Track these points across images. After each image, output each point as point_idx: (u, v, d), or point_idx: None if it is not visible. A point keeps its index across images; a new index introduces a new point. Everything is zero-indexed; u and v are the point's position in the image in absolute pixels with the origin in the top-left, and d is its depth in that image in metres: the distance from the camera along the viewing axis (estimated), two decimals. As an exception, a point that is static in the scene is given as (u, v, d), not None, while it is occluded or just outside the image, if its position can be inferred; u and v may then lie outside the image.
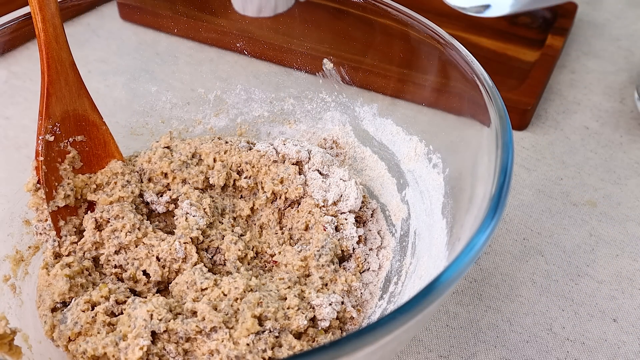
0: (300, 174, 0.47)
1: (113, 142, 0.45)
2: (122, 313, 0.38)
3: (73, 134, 0.43)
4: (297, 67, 0.52)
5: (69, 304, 0.39)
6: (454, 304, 0.45)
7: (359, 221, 0.46)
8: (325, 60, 0.51)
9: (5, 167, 0.45)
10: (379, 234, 0.46)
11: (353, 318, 0.40)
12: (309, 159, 0.48)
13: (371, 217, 0.47)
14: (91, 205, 0.44)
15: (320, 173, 0.47)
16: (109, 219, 0.42)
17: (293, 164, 0.47)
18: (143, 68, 0.52)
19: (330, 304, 0.39)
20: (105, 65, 0.52)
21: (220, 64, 0.55)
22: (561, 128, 0.60)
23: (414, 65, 0.46)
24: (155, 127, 0.51)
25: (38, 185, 0.42)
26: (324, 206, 0.45)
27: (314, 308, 0.38)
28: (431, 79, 0.45)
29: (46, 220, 0.42)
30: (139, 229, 0.42)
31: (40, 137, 0.41)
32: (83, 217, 0.43)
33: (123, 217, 0.42)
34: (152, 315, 0.36)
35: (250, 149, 0.49)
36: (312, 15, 0.51)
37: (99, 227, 0.42)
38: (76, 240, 0.43)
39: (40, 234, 0.42)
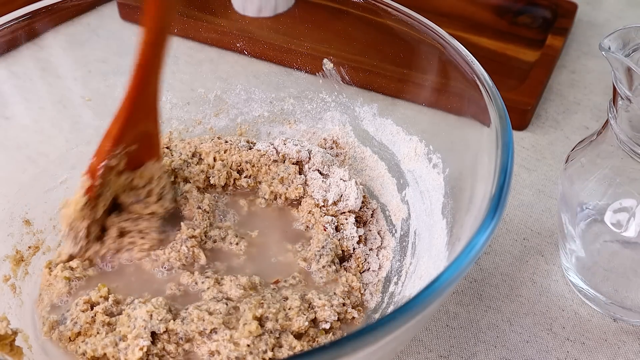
0: (300, 174, 0.47)
1: (159, 144, 0.42)
2: (121, 313, 0.38)
3: (130, 147, 0.40)
4: (297, 67, 0.52)
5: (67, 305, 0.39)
6: (454, 304, 0.45)
7: (359, 221, 0.46)
8: (325, 60, 0.51)
9: (5, 167, 0.45)
10: (379, 234, 0.46)
11: (354, 318, 0.40)
12: (309, 158, 0.48)
13: (371, 217, 0.47)
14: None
15: (320, 173, 0.47)
16: (132, 231, 0.41)
17: (293, 164, 0.47)
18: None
19: (331, 306, 0.39)
20: (105, 65, 0.52)
21: (220, 64, 0.55)
22: (561, 128, 0.60)
23: (414, 65, 0.46)
24: (155, 127, 0.51)
25: (86, 203, 0.39)
26: (324, 206, 0.46)
27: (314, 309, 0.38)
28: (431, 79, 0.45)
29: (79, 231, 0.40)
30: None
31: (103, 163, 0.38)
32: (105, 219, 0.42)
33: (145, 237, 0.41)
34: (151, 315, 0.36)
35: (250, 149, 0.49)
36: (312, 15, 0.51)
37: (120, 234, 0.41)
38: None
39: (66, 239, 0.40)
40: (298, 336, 0.37)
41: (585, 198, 0.42)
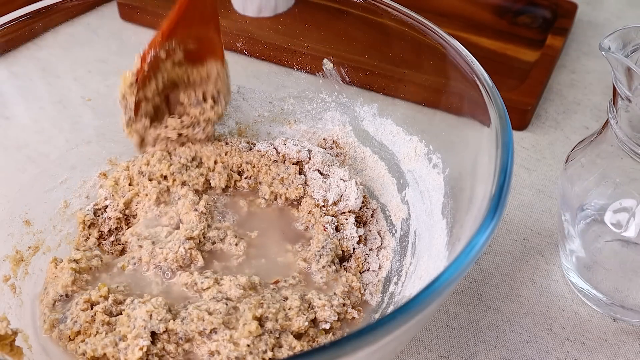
0: (300, 174, 0.47)
1: (221, 47, 0.45)
2: (121, 313, 0.38)
3: (186, 45, 0.43)
4: (297, 67, 0.52)
5: (71, 298, 0.39)
6: (454, 304, 0.45)
7: (359, 221, 0.46)
8: (325, 60, 0.51)
9: (5, 167, 0.45)
10: (379, 234, 0.46)
11: (354, 318, 0.40)
12: (310, 158, 0.48)
13: (371, 217, 0.47)
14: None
15: (320, 173, 0.47)
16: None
17: (293, 164, 0.47)
18: (143, 68, 0.52)
19: (331, 306, 0.39)
20: (105, 65, 0.52)
21: (220, 64, 0.55)
22: (561, 128, 0.60)
23: (414, 65, 0.46)
24: (155, 127, 0.51)
25: (134, 82, 0.43)
26: (324, 206, 0.46)
27: (314, 309, 0.38)
28: (431, 79, 0.45)
29: (128, 103, 0.44)
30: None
31: (152, 50, 0.42)
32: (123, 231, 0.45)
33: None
34: (151, 315, 0.36)
35: (250, 149, 0.49)
36: (312, 15, 0.51)
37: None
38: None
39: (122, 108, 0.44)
40: (298, 336, 0.37)
41: (585, 198, 0.42)
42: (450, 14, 0.72)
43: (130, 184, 0.46)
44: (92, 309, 0.38)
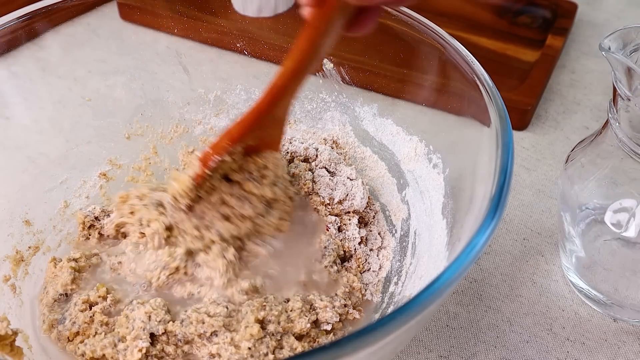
0: (308, 171, 0.47)
1: (280, 141, 0.41)
2: (119, 313, 0.38)
3: (249, 143, 0.39)
4: (297, 67, 0.52)
5: (70, 297, 0.39)
6: (454, 304, 0.45)
7: (362, 222, 0.46)
8: (325, 60, 0.51)
9: (5, 167, 0.45)
10: (379, 234, 0.46)
11: (355, 319, 0.40)
12: (317, 156, 0.48)
13: (373, 218, 0.47)
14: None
15: (327, 170, 0.47)
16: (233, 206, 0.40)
17: (301, 161, 0.47)
18: (143, 68, 0.52)
19: (333, 307, 0.38)
20: (105, 65, 0.52)
21: (220, 64, 0.55)
22: (561, 128, 0.60)
23: (414, 65, 0.46)
24: (155, 127, 0.51)
25: (192, 185, 0.39)
26: (329, 204, 0.45)
27: (316, 311, 0.38)
28: (431, 79, 0.45)
29: (179, 206, 0.39)
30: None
31: (217, 158, 0.38)
32: None
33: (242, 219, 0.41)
34: (150, 316, 0.36)
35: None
36: (312, 15, 0.51)
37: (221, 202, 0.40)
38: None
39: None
40: (299, 337, 0.37)
41: (585, 198, 0.42)
42: (450, 14, 0.72)
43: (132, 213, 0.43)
44: (90, 309, 0.38)
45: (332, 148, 0.51)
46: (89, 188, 0.48)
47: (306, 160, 0.48)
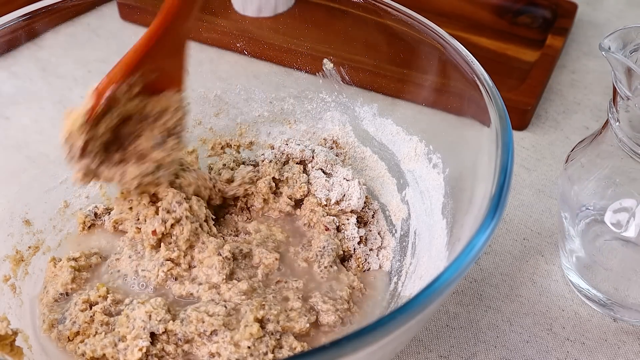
0: (303, 173, 0.47)
1: (182, 75, 0.40)
2: (119, 313, 0.38)
3: (148, 77, 0.38)
4: (297, 67, 0.52)
5: (70, 297, 0.39)
6: (454, 304, 0.45)
7: (360, 222, 0.46)
8: (325, 60, 0.51)
9: (5, 167, 0.45)
10: (379, 234, 0.46)
11: (355, 318, 0.40)
12: (313, 157, 0.48)
13: (372, 217, 0.47)
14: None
15: (323, 172, 0.47)
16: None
17: (297, 163, 0.47)
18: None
19: (336, 310, 0.38)
20: (105, 65, 0.51)
21: (220, 64, 0.55)
22: (561, 128, 0.60)
23: (414, 65, 0.46)
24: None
25: (85, 122, 0.36)
26: (326, 205, 0.45)
27: (316, 310, 0.38)
28: (431, 79, 0.45)
29: (75, 146, 0.37)
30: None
31: (112, 85, 0.36)
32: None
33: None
34: (150, 316, 0.36)
35: (255, 165, 0.48)
36: (312, 15, 0.51)
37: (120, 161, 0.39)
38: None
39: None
40: (298, 336, 0.37)
41: (585, 198, 0.42)
42: (450, 14, 0.72)
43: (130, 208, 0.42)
44: (90, 309, 0.38)
45: (332, 148, 0.51)
46: (89, 188, 0.48)
47: (302, 162, 0.48)
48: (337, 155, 0.50)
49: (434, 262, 0.38)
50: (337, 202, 0.46)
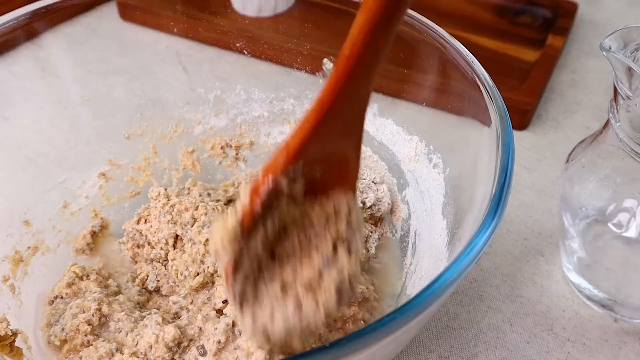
0: None
1: (356, 171, 0.31)
2: (107, 324, 0.37)
3: (312, 167, 0.29)
4: (297, 67, 0.52)
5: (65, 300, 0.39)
6: (455, 304, 0.45)
7: (375, 224, 0.46)
8: (325, 60, 0.51)
9: (5, 167, 0.45)
10: (379, 234, 0.46)
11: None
12: None
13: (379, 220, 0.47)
14: None
15: None
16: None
17: None
18: (143, 68, 0.52)
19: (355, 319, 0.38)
20: (105, 65, 0.52)
21: (220, 64, 0.55)
22: (562, 128, 0.60)
23: (414, 65, 0.46)
24: (155, 127, 0.51)
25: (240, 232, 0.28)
26: (362, 208, 0.45)
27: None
28: (431, 79, 0.45)
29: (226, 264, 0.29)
30: None
31: (271, 180, 0.28)
32: None
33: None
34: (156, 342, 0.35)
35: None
36: (312, 15, 0.51)
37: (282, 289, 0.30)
38: None
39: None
40: None
41: (586, 198, 0.42)
42: (450, 13, 0.71)
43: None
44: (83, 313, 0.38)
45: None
46: (89, 188, 0.48)
47: None
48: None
49: (434, 262, 0.38)
50: (370, 207, 0.45)
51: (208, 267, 0.39)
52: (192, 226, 0.41)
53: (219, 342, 0.33)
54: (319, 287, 0.29)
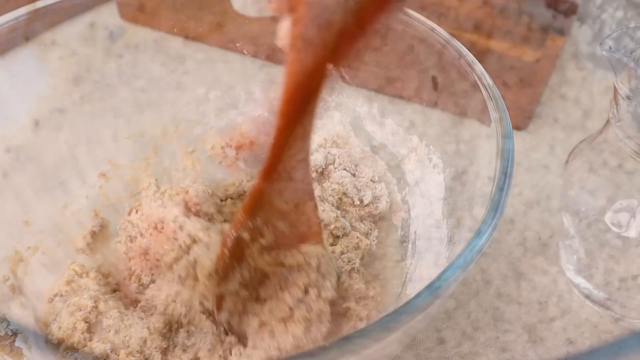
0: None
1: (318, 225, 0.35)
2: (100, 321, 0.37)
3: (273, 222, 0.33)
4: (297, 67, 0.52)
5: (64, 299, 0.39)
6: (454, 304, 0.45)
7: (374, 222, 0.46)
8: (325, 60, 0.51)
9: (4, 167, 0.45)
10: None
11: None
12: (334, 160, 0.47)
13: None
14: None
15: (346, 170, 0.47)
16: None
17: (319, 173, 0.47)
18: (143, 68, 0.52)
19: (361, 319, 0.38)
20: (105, 65, 0.52)
21: (220, 64, 0.55)
22: (562, 128, 0.60)
23: (413, 65, 0.46)
24: (155, 127, 0.51)
25: (214, 272, 0.35)
26: (359, 205, 0.45)
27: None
28: (431, 78, 0.45)
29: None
30: None
31: (232, 232, 0.33)
32: None
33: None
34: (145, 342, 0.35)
35: None
36: (312, 15, 0.51)
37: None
38: None
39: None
40: None
41: (586, 198, 0.42)
42: (450, 13, 0.71)
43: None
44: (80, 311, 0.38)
45: (332, 148, 0.51)
46: (89, 188, 0.48)
47: (324, 170, 0.47)
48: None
49: (434, 262, 0.38)
50: (367, 205, 0.45)
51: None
52: None
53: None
54: (290, 319, 0.34)
